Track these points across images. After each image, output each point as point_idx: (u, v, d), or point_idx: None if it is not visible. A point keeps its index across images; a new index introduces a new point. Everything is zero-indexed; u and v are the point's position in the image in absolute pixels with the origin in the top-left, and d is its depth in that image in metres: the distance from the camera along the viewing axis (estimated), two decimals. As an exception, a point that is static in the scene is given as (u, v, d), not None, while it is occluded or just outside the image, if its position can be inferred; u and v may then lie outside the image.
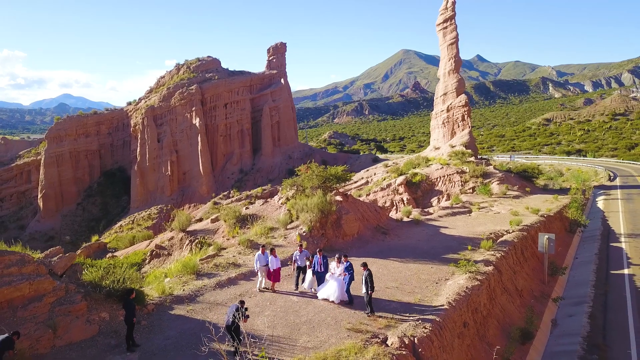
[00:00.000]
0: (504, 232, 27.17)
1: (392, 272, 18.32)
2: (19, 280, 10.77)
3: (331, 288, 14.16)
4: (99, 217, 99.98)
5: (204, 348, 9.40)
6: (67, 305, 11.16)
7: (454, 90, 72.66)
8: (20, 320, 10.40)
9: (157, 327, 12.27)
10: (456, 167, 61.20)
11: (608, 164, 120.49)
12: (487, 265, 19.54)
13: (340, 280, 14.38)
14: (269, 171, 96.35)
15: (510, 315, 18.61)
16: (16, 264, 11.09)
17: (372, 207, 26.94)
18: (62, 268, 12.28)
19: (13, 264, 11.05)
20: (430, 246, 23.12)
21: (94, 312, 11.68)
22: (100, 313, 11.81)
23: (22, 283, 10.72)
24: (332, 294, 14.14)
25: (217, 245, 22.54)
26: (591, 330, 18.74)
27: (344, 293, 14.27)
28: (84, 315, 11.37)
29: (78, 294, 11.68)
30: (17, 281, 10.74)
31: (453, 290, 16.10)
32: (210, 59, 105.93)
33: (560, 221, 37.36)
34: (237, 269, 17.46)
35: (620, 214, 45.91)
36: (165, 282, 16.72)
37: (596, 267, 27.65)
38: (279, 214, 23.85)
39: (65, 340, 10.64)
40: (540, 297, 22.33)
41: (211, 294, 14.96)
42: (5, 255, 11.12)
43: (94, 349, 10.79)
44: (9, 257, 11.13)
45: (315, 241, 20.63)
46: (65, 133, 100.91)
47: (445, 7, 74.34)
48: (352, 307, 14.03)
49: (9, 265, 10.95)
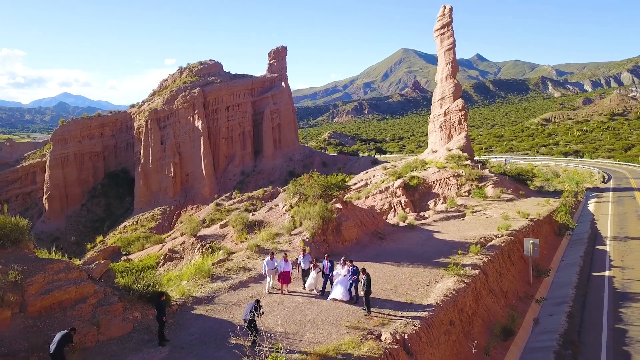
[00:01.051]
0: (493, 236, 29.03)
1: (388, 275, 20.18)
2: (67, 285, 12.62)
3: (339, 290, 16.15)
4: (103, 217, 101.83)
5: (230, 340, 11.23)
6: (107, 306, 13.01)
7: (451, 95, 74.44)
8: (69, 318, 12.25)
9: (182, 324, 14.13)
10: (452, 171, 63.02)
11: (604, 165, 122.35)
12: (475, 268, 21.42)
13: (346, 281, 16.35)
14: (270, 173, 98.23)
15: (495, 314, 20.49)
16: (63, 271, 12.94)
17: (369, 213, 28.78)
18: (99, 273, 14.13)
19: (61, 270, 12.90)
20: (424, 250, 24.99)
21: (128, 312, 13.53)
22: (134, 313, 13.67)
23: (70, 287, 12.57)
24: (340, 294, 16.13)
25: (227, 249, 24.39)
26: (568, 328, 20.59)
27: (346, 293, 16.23)
28: (120, 314, 13.22)
29: (114, 296, 13.54)
30: (66, 285, 12.59)
31: (441, 292, 17.97)
32: (212, 62, 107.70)
33: (550, 225, 39.25)
34: (247, 273, 19.32)
35: (609, 217, 47.75)
36: (184, 284, 18.56)
37: (580, 269, 29.51)
38: (284, 220, 25.70)
39: (107, 336, 12.50)
40: (525, 297, 24.22)
41: (226, 295, 16.83)
42: (54, 263, 12.97)
43: (131, 343, 12.65)
44: (57, 265, 12.97)
45: (317, 246, 22.50)
46: (70, 135, 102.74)
47: (443, 14, 76.13)
48: (351, 307, 15.88)
49: (58, 271, 12.80)
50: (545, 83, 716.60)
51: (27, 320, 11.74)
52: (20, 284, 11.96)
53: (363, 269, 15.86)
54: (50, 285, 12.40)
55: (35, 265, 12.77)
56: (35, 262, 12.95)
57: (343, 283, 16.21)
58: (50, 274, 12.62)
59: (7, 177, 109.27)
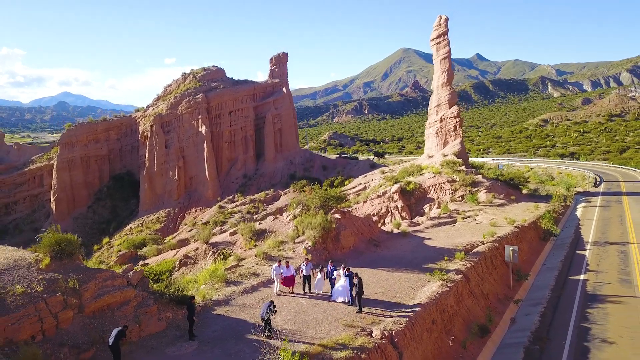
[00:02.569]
0: (479, 243, 31.75)
1: (381, 280, 22.92)
2: (114, 290, 15.35)
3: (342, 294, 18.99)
4: (109, 219, 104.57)
5: (247, 336, 13.99)
6: (145, 308, 15.74)
7: (447, 102, 77.16)
8: (116, 318, 14.98)
9: (205, 323, 16.87)
10: (447, 176, 65.73)
11: (598, 167, 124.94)
12: (458, 274, 24.16)
13: (345, 286, 19.17)
14: (272, 176, 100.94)
15: (475, 315, 23.22)
16: (110, 278, 15.67)
17: (366, 221, 31.50)
18: (136, 280, 16.85)
19: (108, 278, 15.63)
20: (414, 257, 27.72)
21: (162, 312, 16.27)
22: (166, 313, 16.41)
23: (116, 292, 15.30)
24: (342, 297, 18.97)
25: (237, 256, 27.12)
26: (540, 326, 23.33)
27: (348, 296, 19.04)
28: (155, 314, 15.95)
29: (150, 299, 16.27)
30: (112, 291, 15.32)
31: (426, 295, 20.71)
32: (215, 68, 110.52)
33: (535, 230, 41.97)
34: (257, 278, 22.05)
35: (594, 222, 50.39)
36: (202, 288, 21.29)
37: (558, 273, 32.23)
38: (288, 229, 28.43)
39: (146, 332, 15.23)
40: (504, 299, 26.96)
41: (240, 298, 19.57)
42: (102, 272, 15.70)
43: (166, 338, 15.38)
44: (105, 274, 15.71)
45: (318, 254, 25.24)
46: (76, 139, 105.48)
47: (439, 24, 78.81)
48: (347, 308, 18.61)
49: (106, 279, 15.53)
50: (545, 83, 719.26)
51: (84, 319, 14.48)
52: (78, 290, 14.69)
53: (356, 274, 18.62)
54: (101, 291, 15.14)
55: (88, 274, 15.51)
56: (87, 271, 15.68)
57: (344, 288, 19.00)
58: (100, 281, 15.36)
59: (15, 180, 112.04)
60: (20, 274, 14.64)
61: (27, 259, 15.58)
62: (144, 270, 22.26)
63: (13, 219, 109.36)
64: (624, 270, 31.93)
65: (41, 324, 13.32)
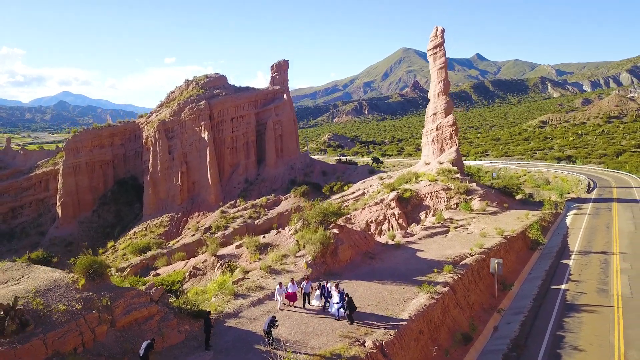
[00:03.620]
0: (467, 254, 34.06)
1: (374, 292, 25.23)
2: (140, 307, 17.68)
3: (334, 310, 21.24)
4: (113, 223, 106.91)
5: (255, 346, 16.33)
6: (166, 322, 18.07)
7: (443, 111, 79.46)
8: (143, 331, 17.29)
9: (218, 334, 19.17)
10: (443, 184, 68.00)
11: (593, 172, 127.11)
12: (445, 286, 26.48)
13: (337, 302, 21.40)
14: (273, 181, 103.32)
15: (460, 324, 25.54)
16: (136, 296, 17.99)
17: (362, 234, 33.81)
18: (157, 296, 19.17)
19: (135, 296, 17.95)
20: (406, 269, 30.03)
21: (181, 325, 18.59)
22: (185, 326, 18.73)
23: (142, 308, 17.63)
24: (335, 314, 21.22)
25: (242, 268, 29.45)
26: (519, 335, 25.63)
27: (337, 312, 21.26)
28: (175, 327, 18.28)
29: (170, 314, 18.59)
30: (139, 307, 17.64)
31: (415, 307, 23.02)
32: (217, 75, 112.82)
33: (523, 240, 44.27)
34: (263, 291, 24.35)
35: (581, 230, 52.60)
36: (213, 300, 23.58)
37: (541, 282, 34.52)
38: (290, 243, 30.74)
39: (168, 343, 17.56)
40: (489, 308, 29.29)
41: (248, 311, 21.88)
42: (130, 291, 18.03)
43: (185, 348, 17.70)
44: (132, 292, 18.03)
45: (317, 267, 27.55)
46: (82, 145, 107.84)
47: (435, 35, 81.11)
48: (343, 321, 20.91)
49: (133, 297, 17.85)
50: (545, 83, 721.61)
51: (116, 333, 16.81)
52: (110, 307, 17.02)
53: (346, 294, 20.89)
54: (129, 307, 17.47)
55: (117, 292, 17.84)
56: (116, 290, 18.02)
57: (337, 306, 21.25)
58: (128, 298, 17.69)
59: (21, 185, 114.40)
60: (60, 293, 16.97)
61: (64, 279, 17.89)
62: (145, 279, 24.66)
63: (19, 222, 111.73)
64: (603, 280, 34.20)
65: (82, 338, 15.64)
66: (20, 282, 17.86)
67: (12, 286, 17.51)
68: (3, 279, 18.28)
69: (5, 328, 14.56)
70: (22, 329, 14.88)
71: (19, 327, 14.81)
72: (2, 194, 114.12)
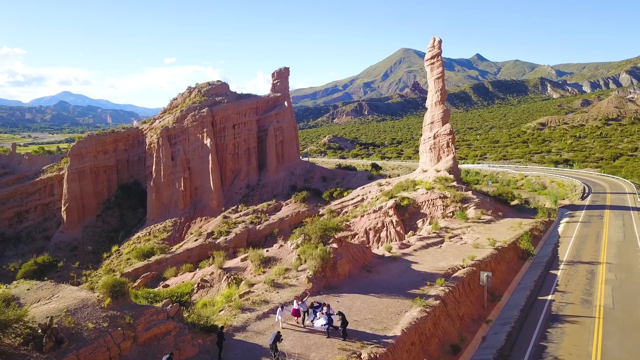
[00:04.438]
0: (459, 267, 36.02)
1: (370, 306, 27.21)
2: (158, 323, 19.67)
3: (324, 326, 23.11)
4: (117, 228, 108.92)
5: (265, 359, 18.31)
6: (182, 336, 20.06)
7: (440, 120, 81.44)
8: (162, 345, 19.28)
9: (228, 348, 21.12)
10: (439, 192, 69.97)
11: (590, 177, 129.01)
12: (437, 299, 28.46)
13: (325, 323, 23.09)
14: (274, 187, 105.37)
15: (450, 335, 27.53)
16: (155, 314, 19.98)
17: (360, 248, 35.79)
18: (173, 313, 21.15)
19: (154, 313, 19.94)
20: (400, 282, 32.01)
21: (195, 340, 20.59)
22: (198, 340, 20.72)
23: (160, 325, 19.62)
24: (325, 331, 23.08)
25: (248, 281, 31.42)
26: (505, 344, 27.59)
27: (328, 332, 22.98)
28: (190, 341, 20.27)
29: (185, 329, 20.59)
30: (158, 324, 19.64)
31: (407, 320, 25.01)
32: (219, 83, 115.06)
33: (514, 251, 46.22)
34: (267, 305, 26.33)
35: (572, 239, 54.48)
36: (221, 314, 25.55)
37: (529, 293, 36.47)
38: (292, 258, 32.72)
39: (184, 356, 19.54)
40: (478, 319, 31.28)
41: (254, 324, 23.86)
42: (149, 309, 20.02)
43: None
44: (151, 310, 20.02)
45: (318, 281, 29.53)
46: (86, 151, 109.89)
47: (433, 46, 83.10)
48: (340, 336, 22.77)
49: (152, 314, 19.85)
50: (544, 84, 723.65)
51: (138, 347, 18.80)
52: (132, 324, 19.01)
53: (340, 312, 22.65)
54: (149, 324, 19.48)
55: (138, 310, 19.83)
56: (137, 308, 20.01)
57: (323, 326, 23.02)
58: (148, 316, 19.69)
59: (27, 190, 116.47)
60: (88, 312, 18.96)
61: (91, 298, 19.89)
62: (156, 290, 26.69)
63: (25, 226, 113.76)
64: (588, 291, 36.17)
65: (109, 353, 17.64)
66: (51, 301, 19.84)
67: (44, 305, 19.50)
68: (35, 298, 20.27)
69: (44, 345, 16.57)
70: (58, 345, 16.88)
71: (55, 344, 16.81)
72: (8, 199, 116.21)
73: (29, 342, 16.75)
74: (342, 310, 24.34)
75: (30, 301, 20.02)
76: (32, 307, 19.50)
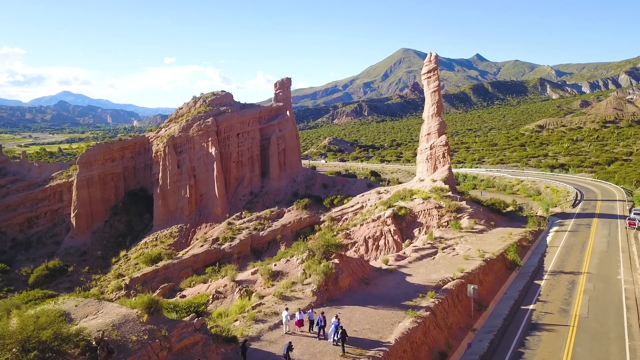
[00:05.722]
0: (449, 279, 39.60)
1: (368, 317, 30.78)
2: (188, 335, 23.25)
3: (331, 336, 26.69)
4: (124, 233, 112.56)
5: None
6: (208, 346, 23.65)
7: (436, 132, 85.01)
8: (192, 354, 22.84)
9: (247, 355, 24.72)
10: (435, 202, 73.54)
11: (584, 182, 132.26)
12: (427, 310, 32.04)
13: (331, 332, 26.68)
14: (276, 193, 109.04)
15: (438, 343, 31.12)
16: (185, 327, 23.57)
17: (359, 262, 39.37)
18: (199, 325, 24.74)
19: (184, 327, 23.54)
20: (396, 294, 35.58)
21: (218, 349, 24.18)
22: (221, 349, 24.32)
23: (190, 336, 23.20)
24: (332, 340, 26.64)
25: (258, 293, 35.01)
26: (487, 351, 31.17)
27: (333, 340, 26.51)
28: (214, 350, 23.86)
29: (210, 340, 24.17)
30: (187, 336, 23.22)
31: (400, 330, 28.60)
32: (223, 93, 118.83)
33: (502, 261, 49.78)
34: (277, 317, 29.89)
35: (558, 249, 57.89)
36: (237, 324, 29.12)
37: (513, 303, 40.02)
38: (298, 272, 36.31)
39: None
40: (465, 328, 34.87)
41: (267, 334, 27.45)
42: (180, 323, 23.61)
43: (223, 367, 23.29)
44: (181, 324, 23.61)
45: (321, 294, 33.10)
46: (94, 159, 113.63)
47: (429, 60, 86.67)
48: (342, 345, 26.40)
49: (183, 327, 23.44)
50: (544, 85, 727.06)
51: (173, 356, 22.39)
52: (167, 336, 22.60)
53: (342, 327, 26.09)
54: (181, 336, 23.08)
55: (171, 324, 23.42)
56: (170, 322, 23.60)
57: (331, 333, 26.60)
58: (179, 329, 23.28)
59: (37, 196, 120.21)
60: (130, 326, 22.55)
61: (131, 314, 23.47)
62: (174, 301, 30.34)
63: (35, 232, 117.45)
64: (567, 301, 39.72)
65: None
66: (97, 316, 23.44)
67: (92, 320, 23.10)
68: (83, 314, 23.86)
69: (99, 355, 20.16)
70: (110, 355, 20.48)
71: (107, 355, 20.41)
72: (19, 205, 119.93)
73: (86, 353, 20.33)
74: (343, 321, 27.92)
75: (79, 316, 23.61)
76: (82, 321, 23.09)
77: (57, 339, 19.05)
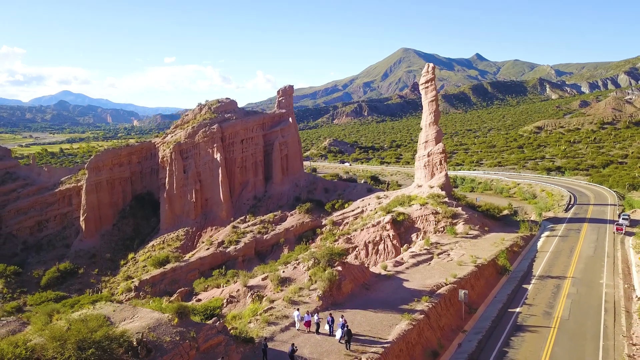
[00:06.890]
0: (443, 284, 43.15)
1: (369, 320, 34.34)
2: (212, 337, 26.81)
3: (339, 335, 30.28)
4: (132, 236, 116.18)
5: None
6: (229, 346, 27.21)
7: (434, 139, 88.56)
8: (216, 354, 26.40)
9: (261, 355, 28.27)
10: (432, 208, 77.11)
11: (579, 185, 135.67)
12: (421, 314, 35.60)
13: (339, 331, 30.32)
14: (279, 198, 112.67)
15: (431, 343, 34.68)
16: (209, 329, 27.14)
17: (360, 268, 42.93)
18: (221, 328, 28.30)
19: (209, 329, 27.10)
20: (394, 298, 39.14)
21: (238, 348, 27.74)
22: (240, 348, 27.89)
23: (214, 338, 26.76)
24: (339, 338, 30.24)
25: (268, 298, 38.58)
26: (475, 350, 34.73)
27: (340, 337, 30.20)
28: (234, 350, 27.42)
29: (231, 340, 27.73)
30: (212, 337, 26.78)
31: (397, 332, 32.16)
32: (228, 100, 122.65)
33: (494, 266, 53.33)
34: (287, 320, 33.45)
35: (548, 254, 61.39)
36: (252, 326, 32.65)
37: (502, 306, 43.59)
38: (304, 278, 39.87)
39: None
40: (456, 329, 38.45)
41: (279, 335, 31.01)
42: (205, 326, 27.18)
43: (243, 364, 26.85)
44: (206, 326, 27.17)
45: (326, 299, 36.67)
46: (102, 164, 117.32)
47: (427, 71, 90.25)
48: (347, 344, 29.95)
49: (207, 330, 27.01)
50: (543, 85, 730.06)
51: (200, 355, 25.94)
52: (195, 337, 26.14)
53: (348, 327, 29.69)
54: (207, 337, 26.64)
55: (198, 327, 26.96)
56: (197, 325, 27.15)
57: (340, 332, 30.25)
58: (205, 331, 26.84)
59: (46, 200, 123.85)
60: (163, 329, 26.10)
61: (163, 318, 27.02)
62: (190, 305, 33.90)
63: (45, 235, 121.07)
64: (550, 304, 43.28)
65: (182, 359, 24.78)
66: (134, 320, 27.00)
67: (130, 323, 26.65)
68: (121, 317, 27.42)
69: (139, 353, 23.72)
70: (149, 354, 24.03)
71: (147, 353, 23.97)
72: (29, 209, 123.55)
73: (129, 352, 23.88)
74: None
75: (118, 320, 27.16)
76: (121, 324, 26.65)
77: (107, 339, 22.61)
